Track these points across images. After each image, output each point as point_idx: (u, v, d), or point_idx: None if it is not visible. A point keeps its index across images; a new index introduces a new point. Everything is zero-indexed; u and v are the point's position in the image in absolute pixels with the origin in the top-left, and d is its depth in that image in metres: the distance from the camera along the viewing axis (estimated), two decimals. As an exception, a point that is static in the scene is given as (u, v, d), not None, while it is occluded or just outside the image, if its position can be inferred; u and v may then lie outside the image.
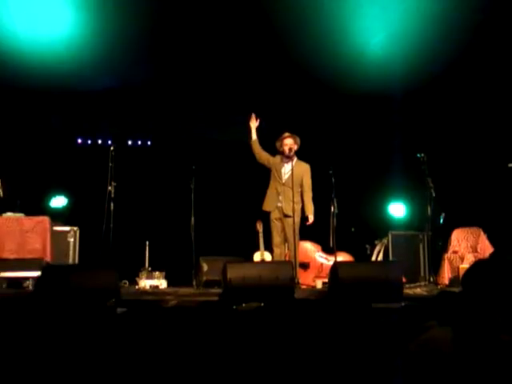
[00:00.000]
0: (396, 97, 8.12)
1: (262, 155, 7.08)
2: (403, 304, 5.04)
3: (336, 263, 5.98)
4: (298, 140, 7.00)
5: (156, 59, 7.89)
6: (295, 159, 6.99)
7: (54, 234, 6.91)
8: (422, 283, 7.20)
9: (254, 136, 7.06)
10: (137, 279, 7.19)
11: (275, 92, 8.60)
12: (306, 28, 7.25)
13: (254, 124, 7.04)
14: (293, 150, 6.93)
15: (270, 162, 7.06)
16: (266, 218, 7.17)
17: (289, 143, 6.94)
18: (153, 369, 2.73)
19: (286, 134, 6.99)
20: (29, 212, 6.98)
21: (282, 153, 7.00)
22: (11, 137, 8.46)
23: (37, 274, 5.67)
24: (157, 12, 7.07)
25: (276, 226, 6.97)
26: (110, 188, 6.82)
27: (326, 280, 6.39)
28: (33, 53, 7.19)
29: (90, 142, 9.44)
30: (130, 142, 9.51)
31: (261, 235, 7.31)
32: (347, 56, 7.58)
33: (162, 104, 8.94)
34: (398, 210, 9.02)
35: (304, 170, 7.05)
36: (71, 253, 7.25)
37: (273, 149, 7.11)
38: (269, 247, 7.28)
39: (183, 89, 8.65)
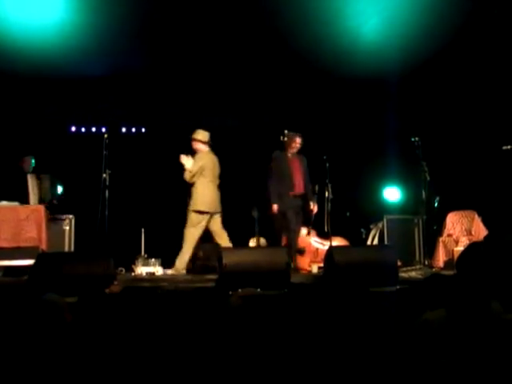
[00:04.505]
0: (390, 81, 8.09)
1: None
2: (398, 287, 5.07)
3: (331, 248, 6.00)
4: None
5: (150, 45, 7.82)
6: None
7: (49, 222, 6.91)
8: (417, 266, 7.24)
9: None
10: (133, 266, 7.19)
11: (269, 78, 8.56)
12: (299, 12, 7.20)
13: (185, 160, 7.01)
14: None
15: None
16: (261, 204, 7.17)
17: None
18: (149, 355, 2.75)
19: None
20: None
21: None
22: (4, 124, 8.41)
23: (32, 262, 5.66)
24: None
25: None
26: (104, 176, 6.80)
27: (322, 264, 6.42)
28: (26, 39, 7.12)
29: (83, 129, 9.39)
30: (124, 129, 9.46)
31: (256, 221, 7.32)
32: (341, 40, 7.53)
33: (156, 90, 8.88)
34: (392, 194, 9.05)
35: None
36: (67, 241, 7.25)
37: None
38: (264, 233, 7.30)
39: (177, 75, 8.60)
